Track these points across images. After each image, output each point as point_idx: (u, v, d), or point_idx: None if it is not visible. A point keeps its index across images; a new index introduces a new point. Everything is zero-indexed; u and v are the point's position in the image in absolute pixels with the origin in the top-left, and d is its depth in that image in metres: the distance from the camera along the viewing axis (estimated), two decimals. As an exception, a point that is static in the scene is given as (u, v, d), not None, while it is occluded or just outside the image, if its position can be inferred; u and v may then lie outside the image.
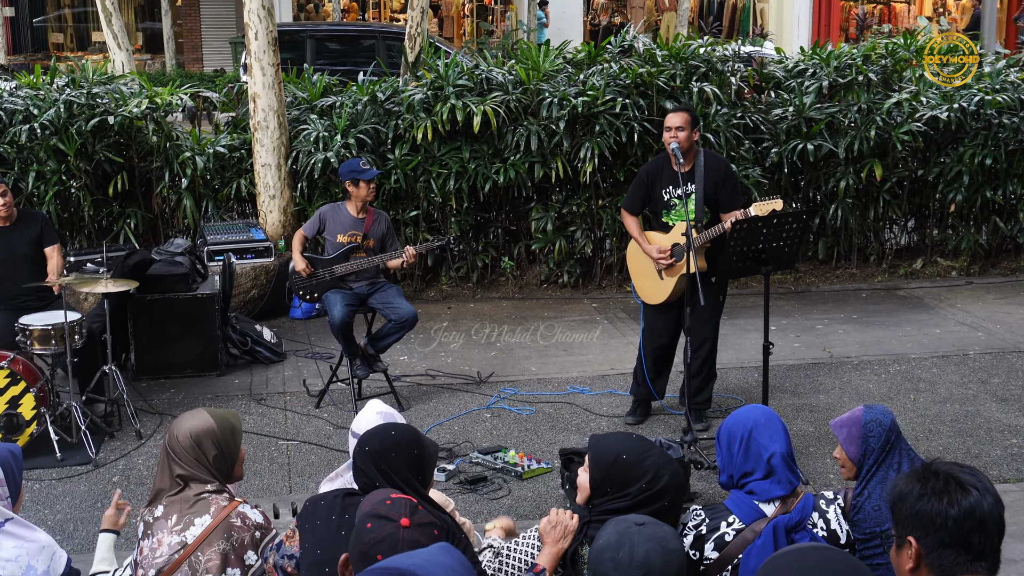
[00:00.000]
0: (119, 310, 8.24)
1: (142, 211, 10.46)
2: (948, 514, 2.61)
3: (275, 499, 6.34)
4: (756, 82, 11.34)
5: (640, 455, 3.72)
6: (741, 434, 3.98)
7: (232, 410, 4.32)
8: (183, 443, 3.99)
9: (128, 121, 10.17)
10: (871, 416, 4.23)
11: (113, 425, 7.61)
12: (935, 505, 2.62)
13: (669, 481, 3.68)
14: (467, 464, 6.98)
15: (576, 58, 11.20)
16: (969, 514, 2.61)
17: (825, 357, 9.04)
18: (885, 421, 4.21)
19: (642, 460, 3.71)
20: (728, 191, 7.26)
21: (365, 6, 30.94)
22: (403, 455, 3.71)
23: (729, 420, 4.07)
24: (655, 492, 3.65)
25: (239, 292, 9.73)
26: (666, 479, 3.68)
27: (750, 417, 4.02)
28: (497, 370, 8.77)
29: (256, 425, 7.71)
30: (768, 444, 3.94)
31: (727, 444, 4.02)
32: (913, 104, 10.86)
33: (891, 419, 4.23)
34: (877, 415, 4.23)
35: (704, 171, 7.22)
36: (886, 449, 4.16)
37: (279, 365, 8.97)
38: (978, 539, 2.61)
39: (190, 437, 3.99)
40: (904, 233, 11.83)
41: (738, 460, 3.97)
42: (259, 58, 10.24)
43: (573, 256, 10.93)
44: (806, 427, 7.51)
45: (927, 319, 10.00)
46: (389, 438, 3.75)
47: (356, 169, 7.99)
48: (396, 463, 3.69)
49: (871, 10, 31.75)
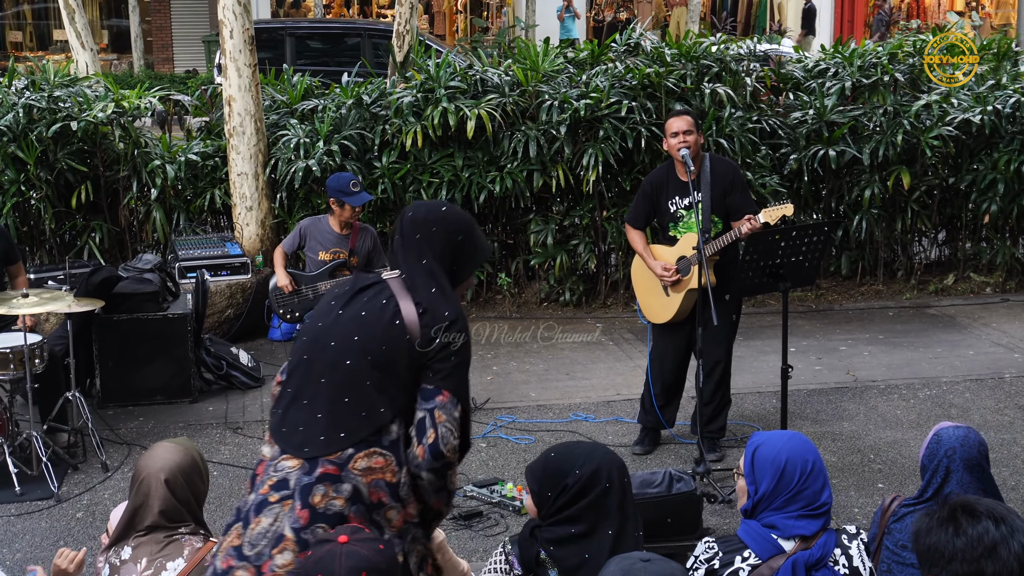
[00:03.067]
0: (83, 331, 8.25)
1: (108, 224, 10.49)
2: (955, 545, 2.65)
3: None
4: (773, 83, 11.40)
5: (567, 449, 3.96)
6: (774, 464, 3.89)
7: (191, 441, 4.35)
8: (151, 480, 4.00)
9: (93, 127, 10.20)
10: (940, 430, 4.30)
11: (77, 457, 7.61)
12: (941, 537, 2.67)
13: (602, 460, 3.87)
14: (461, 498, 6.99)
15: (578, 57, 11.25)
16: (977, 542, 2.65)
17: (849, 381, 9.07)
18: (947, 441, 4.27)
19: (570, 451, 3.93)
20: (739, 196, 7.29)
21: (350, 2, 31.04)
22: (445, 233, 3.98)
23: (763, 448, 3.96)
24: (592, 473, 3.82)
25: (213, 312, 9.76)
26: (598, 458, 3.87)
27: (784, 448, 3.94)
28: (493, 396, 8.80)
29: (232, 456, 7.72)
30: (805, 482, 3.91)
31: (760, 473, 3.93)
32: (943, 106, 10.91)
33: (955, 444, 4.26)
34: (944, 431, 4.30)
35: (711, 177, 7.23)
36: (939, 472, 4.21)
37: (257, 391, 8.98)
38: (993, 568, 2.64)
39: (161, 473, 4.00)
40: (934, 246, 11.87)
41: (767, 491, 3.90)
42: (234, 58, 10.29)
43: (575, 272, 10.96)
44: (829, 457, 7.53)
45: (959, 339, 10.04)
46: (437, 212, 4.04)
47: (344, 190, 7.94)
48: (435, 238, 3.96)
49: (898, 5, 31.88)
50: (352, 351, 3.89)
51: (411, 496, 3.88)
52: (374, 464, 3.81)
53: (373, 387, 3.85)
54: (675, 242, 7.38)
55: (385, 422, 3.84)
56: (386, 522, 3.83)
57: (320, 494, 3.77)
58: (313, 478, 3.79)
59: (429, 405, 3.82)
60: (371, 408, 3.85)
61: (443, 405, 3.82)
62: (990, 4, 33.51)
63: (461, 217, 4.11)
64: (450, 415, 3.81)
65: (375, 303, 3.97)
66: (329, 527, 3.70)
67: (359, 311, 3.97)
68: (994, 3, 33.66)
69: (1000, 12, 33.34)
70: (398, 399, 3.85)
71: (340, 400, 3.86)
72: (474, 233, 4.08)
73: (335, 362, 3.91)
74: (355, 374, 3.87)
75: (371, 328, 3.91)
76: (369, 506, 3.80)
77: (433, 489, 3.87)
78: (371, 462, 3.81)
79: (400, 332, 3.87)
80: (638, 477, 6.14)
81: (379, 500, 3.82)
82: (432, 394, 3.83)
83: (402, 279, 4.00)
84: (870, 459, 7.51)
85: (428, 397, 3.84)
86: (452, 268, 4.00)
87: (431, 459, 3.79)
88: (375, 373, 3.86)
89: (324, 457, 3.80)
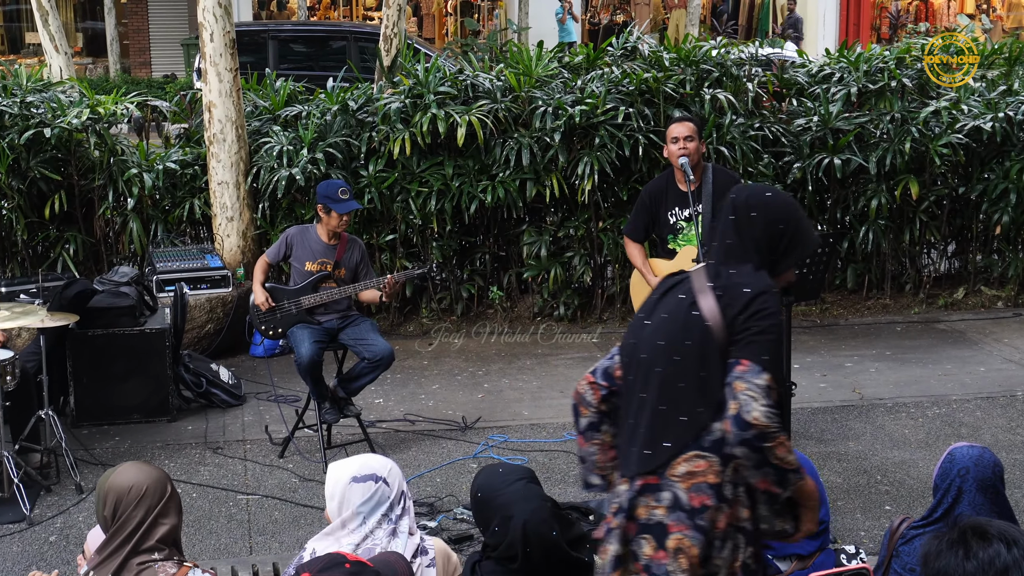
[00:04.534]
0: (57, 347, 8.25)
1: (82, 235, 10.49)
2: (965, 568, 2.66)
3: (234, 561, 6.36)
4: (776, 88, 11.44)
5: (492, 491, 3.93)
6: None
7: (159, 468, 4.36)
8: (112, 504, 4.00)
9: (67, 133, 10.20)
10: (954, 449, 4.32)
11: (50, 478, 7.61)
12: (951, 560, 2.68)
13: (518, 524, 3.79)
14: (451, 521, 7.00)
15: (573, 62, 11.28)
16: (988, 565, 2.66)
17: (855, 399, 9.09)
18: (960, 461, 4.29)
19: (493, 497, 3.89)
20: None
21: (335, 4, 31.09)
22: (765, 221, 3.96)
23: None
24: (510, 541, 3.77)
25: (193, 327, 9.76)
26: (515, 523, 3.80)
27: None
28: (484, 415, 8.80)
29: (212, 477, 7.73)
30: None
31: None
32: (953, 113, 10.94)
33: (969, 464, 4.28)
34: (958, 451, 4.32)
35: (712, 189, 7.23)
36: (950, 492, 4.23)
37: (238, 409, 8.99)
38: None
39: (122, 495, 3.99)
40: (944, 259, 11.89)
41: None
42: (215, 62, 10.31)
43: (570, 285, 10.98)
44: (834, 478, 7.55)
45: (970, 356, 10.06)
46: (760, 196, 4.02)
47: (332, 196, 7.93)
48: (753, 223, 3.95)
49: (906, 7, 31.98)
50: (660, 357, 3.92)
51: (740, 497, 3.87)
52: (695, 468, 3.84)
53: (688, 388, 3.87)
54: (673, 254, 7.39)
55: (705, 422, 3.84)
56: (709, 524, 3.83)
57: (643, 506, 3.84)
58: (634, 491, 3.86)
59: (729, 379, 3.80)
60: (690, 411, 3.86)
61: (741, 375, 3.77)
62: (1001, 7, 33.63)
63: (786, 204, 4.07)
64: (750, 383, 3.75)
65: (674, 300, 3.99)
66: (653, 538, 3.79)
67: (661, 314, 3.99)
68: (1005, 5, 33.78)
69: (1012, 15, 33.46)
70: (715, 394, 3.84)
71: (658, 410, 3.89)
72: (799, 223, 4.04)
73: (647, 372, 3.94)
74: (668, 379, 3.90)
75: (672, 327, 3.94)
76: (690, 512, 3.82)
77: (753, 465, 3.78)
78: (691, 466, 3.84)
79: (699, 322, 3.87)
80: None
81: (701, 504, 3.83)
82: (731, 367, 3.81)
83: (706, 267, 4.01)
84: (877, 480, 7.52)
85: (728, 371, 3.82)
86: (770, 258, 3.98)
87: (737, 430, 3.73)
88: (686, 373, 3.87)
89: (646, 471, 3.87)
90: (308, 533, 6.76)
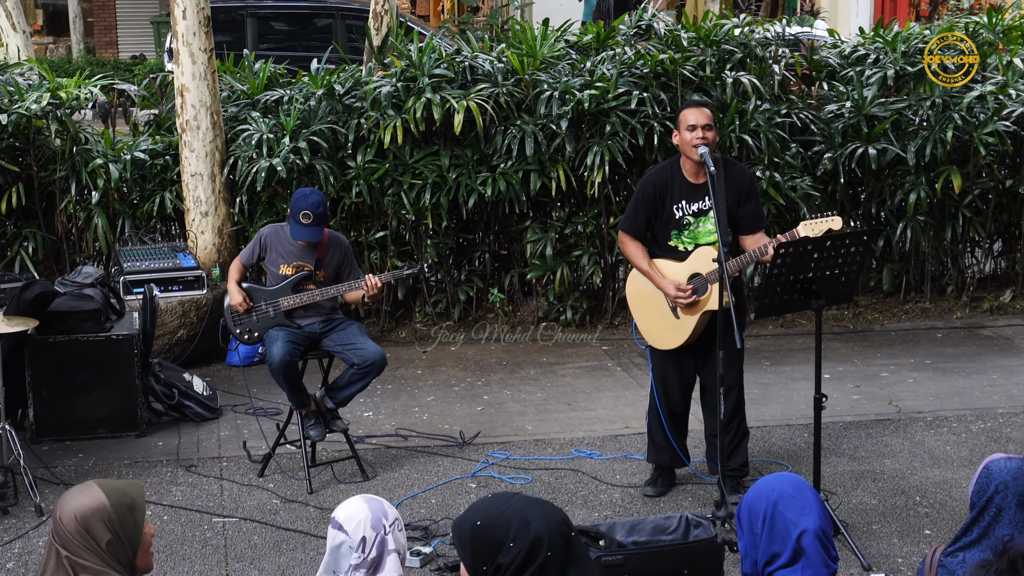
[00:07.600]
0: (14, 355, 8.25)
1: (42, 232, 10.50)
2: None
3: (208, 590, 6.36)
4: (805, 71, 11.44)
5: (497, 512, 3.81)
6: (764, 508, 4.03)
7: (135, 480, 4.34)
8: (68, 526, 4.00)
9: (25, 120, 10.22)
10: (990, 462, 4.32)
11: (7, 498, 7.61)
12: None
13: (540, 524, 3.76)
14: (447, 546, 7.00)
15: (582, 42, 11.29)
16: None
17: (892, 412, 9.10)
18: (997, 475, 4.28)
19: (501, 515, 3.80)
20: (752, 207, 7.30)
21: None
22: None
23: (750, 494, 4.12)
24: (529, 545, 3.72)
25: (164, 332, 9.77)
26: (535, 523, 3.76)
27: (774, 488, 4.08)
28: (484, 429, 8.81)
29: (185, 498, 7.73)
30: (797, 519, 3.98)
31: (748, 523, 4.08)
32: (1000, 98, 10.92)
33: (1007, 478, 4.28)
34: (995, 464, 4.32)
35: (725, 183, 7.19)
36: (988, 510, 4.23)
37: (213, 423, 8.99)
38: None
39: (75, 519, 3.99)
40: (989, 258, 11.89)
41: (762, 542, 4.02)
42: (188, 42, 10.32)
43: (578, 287, 10.98)
44: (868, 499, 7.55)
45: (1018, 365, 10.06)
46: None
47: (295, 215, 7.82)
48: None
49: (948, -18, 31.92)
50: None
51: None
52: None
53: None
54: (675, 252, 7.33)
55: None
56: None
57: None
58: None
59: None
60: None
61: None
62: (1053, -19, 33.60)
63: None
64: None
65: None
66: None
67: None
68: (1057, -20, 33.75)
69: (1064, -9, 33.42)
70: None
71: None
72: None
73: None
74: None
75: None
76: None
77: None
78: None
79: None
80: (650, 522, 6.15)
81: None
82: None
83: None
84: (916, 502, 7.52)
85: None
86: None
87: None
88: None
89: None
90: (290, 559, 6.77)
